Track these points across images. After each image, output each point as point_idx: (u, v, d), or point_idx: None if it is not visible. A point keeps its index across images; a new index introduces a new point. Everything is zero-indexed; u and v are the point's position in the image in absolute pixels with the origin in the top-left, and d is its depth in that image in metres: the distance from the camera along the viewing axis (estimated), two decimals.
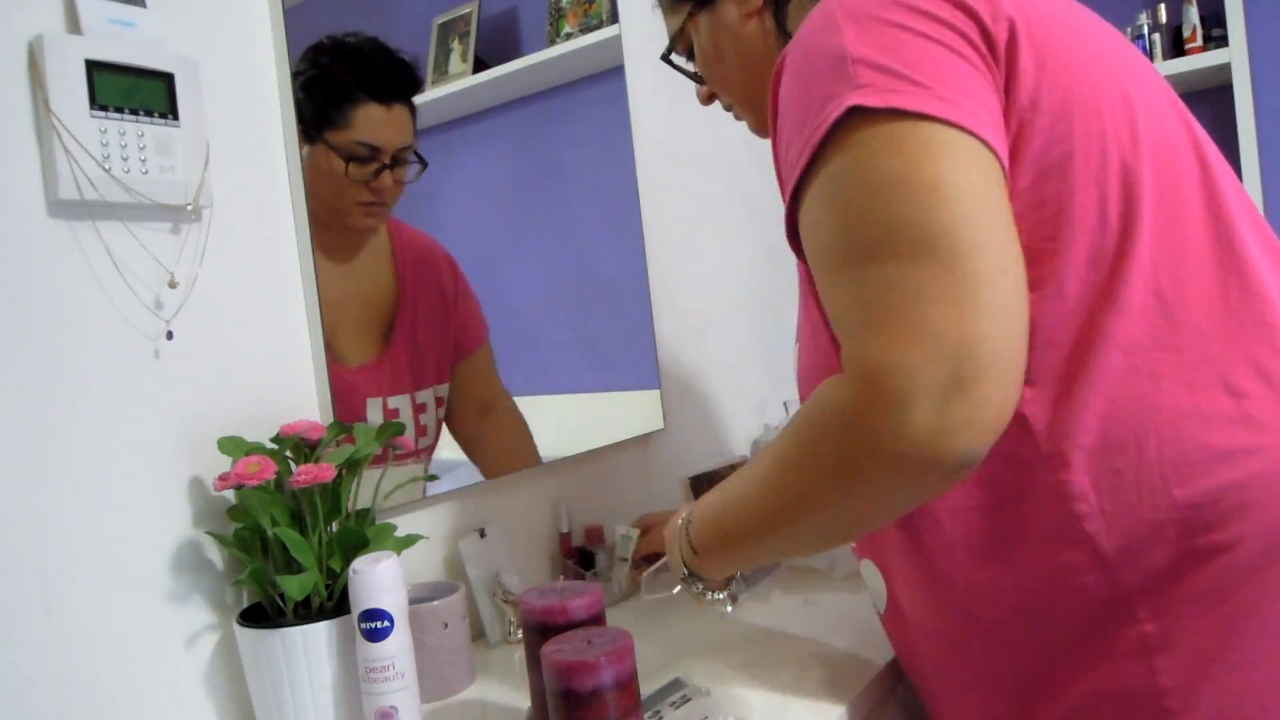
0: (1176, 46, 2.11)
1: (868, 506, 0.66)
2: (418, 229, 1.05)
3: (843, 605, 1.16)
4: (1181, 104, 0.76)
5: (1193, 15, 2.04)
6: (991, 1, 0.66)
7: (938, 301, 0.58)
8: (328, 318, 0.97)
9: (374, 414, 1.01)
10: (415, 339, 1.03)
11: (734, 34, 0.89)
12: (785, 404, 1.75)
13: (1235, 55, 1.98)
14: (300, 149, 0.97)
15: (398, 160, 1.03)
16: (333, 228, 0.99)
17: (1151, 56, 2.11)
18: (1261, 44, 1.99)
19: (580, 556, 1.23)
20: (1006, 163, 0.65)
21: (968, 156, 0.62)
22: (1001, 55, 0.66)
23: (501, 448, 1.13)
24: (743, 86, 0.92)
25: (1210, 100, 2.16)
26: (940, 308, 0.58)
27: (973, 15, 0.65)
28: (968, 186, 0.61)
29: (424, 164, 1.05)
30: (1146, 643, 0.65)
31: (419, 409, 1.01)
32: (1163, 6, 2.12)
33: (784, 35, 0.86)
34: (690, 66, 0.97)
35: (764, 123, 0.79)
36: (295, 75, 0.97)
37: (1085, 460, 0.65)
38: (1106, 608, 0.65)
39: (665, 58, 0.98)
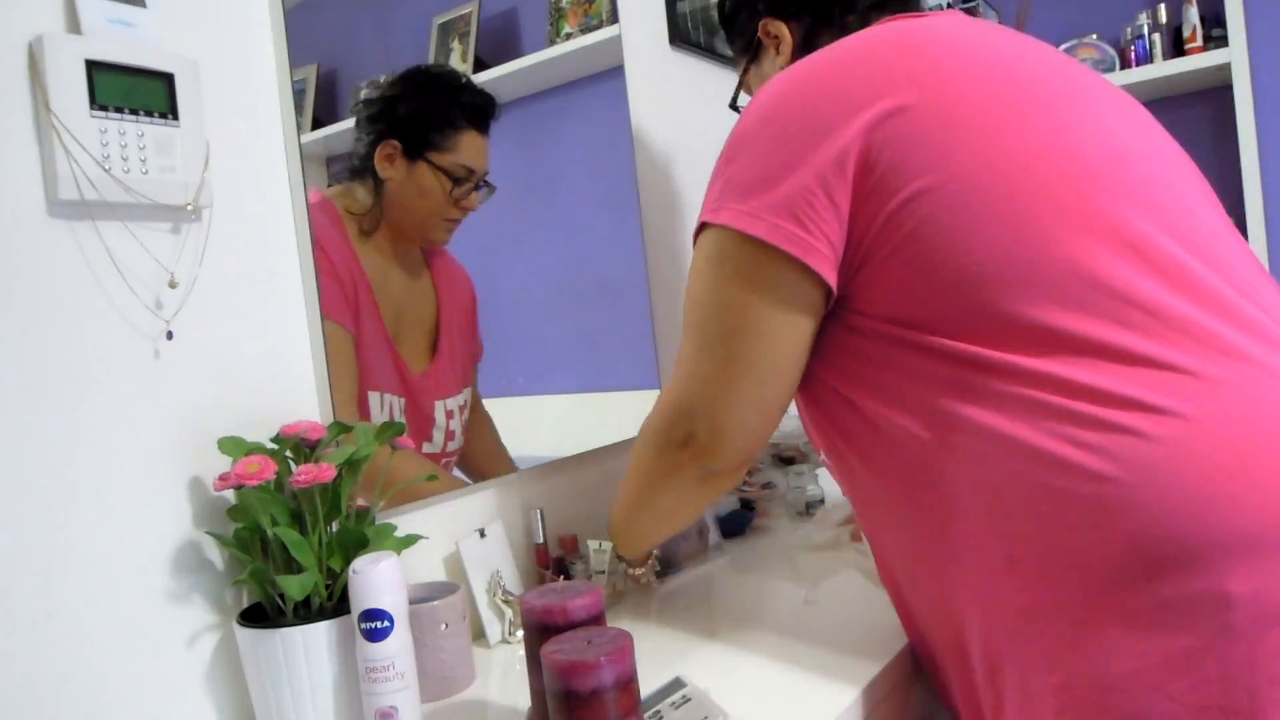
0: (1176, 46, 2.11)
1: (682, 504, 0.97)
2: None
3: (843, 605, 1.16)
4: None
5: (1193, 15, 2.04)
6: (852, 120, 0.79)
7: (701, 383, 0.86)
8: (393, 326, 1.05)
9: (440, 415, 1.12)
10: (454, 349, 1.13)
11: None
12: None
13: (1235, 55, 1.98)
14: (390, 166, 1.07)
15: (480, 184, 1.16)
16: (412, 241, 1.10)
17: (1151, 57, 2.11)
18: (1261, 44, 1.99)
19: (557, 567, 1.22)
20: (832, 276, 0.81)
21: (772, 278, 0.81)
22: (853, 176, 0.79)
23: (485, 451, 1.21)
24: None
25: (1210, 100, 2.15)
26: (699, 387, 0.86)
27: (836, 137, 0.79)
28: (756, 309, 0.82)
29: (493, 188, 1.18)
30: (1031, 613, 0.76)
31: (453, 415, 1.12)
32: (1163, 6, 2.12)
33: None
34: None
35: None
36: (391, 99, 1.09)
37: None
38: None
39: (732, 106, 1.21)
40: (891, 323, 0.79)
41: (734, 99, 1.21)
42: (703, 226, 0.87)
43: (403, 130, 1.07)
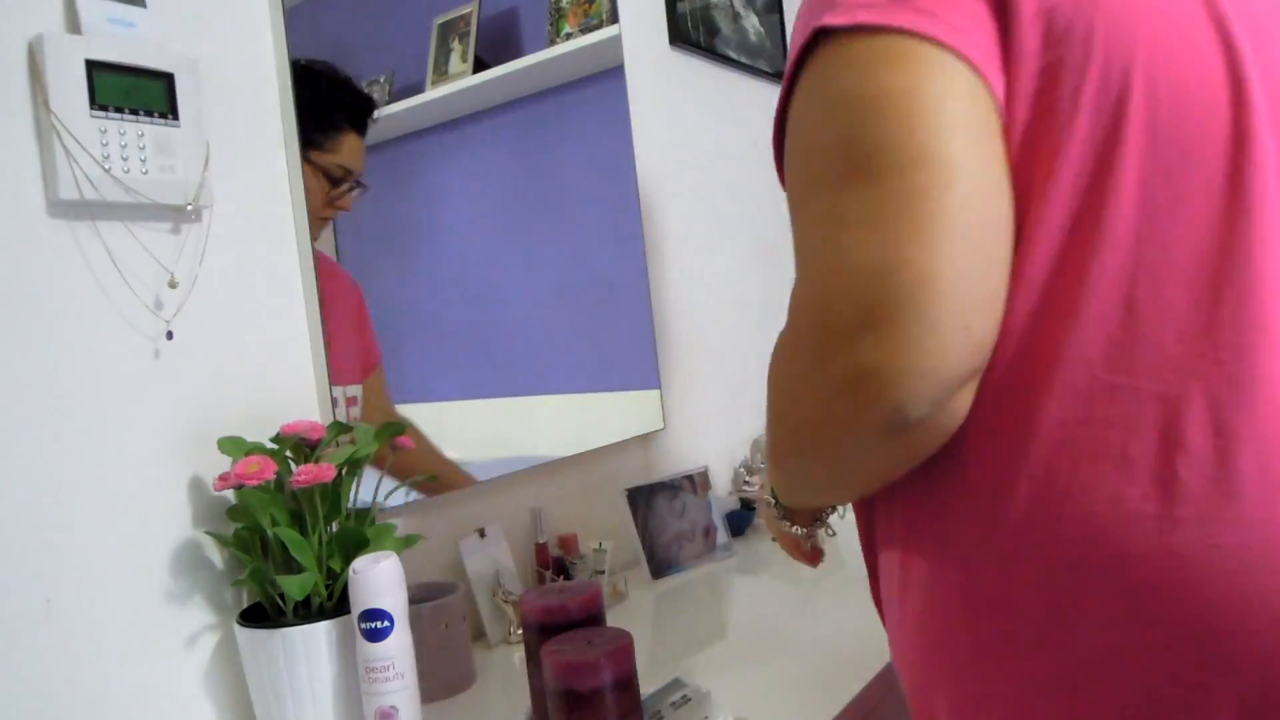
0: None
1: (828, 472, 0.59)
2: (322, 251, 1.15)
3: (844, 605, 1.16)
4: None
5: None
6: None
7: (864, 225, 0.49)
8: None
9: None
10: (342, 339, 1.09)
11: None
12: None
13: None
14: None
15: (356, 184, 1.14)
16: None
17: None
18: None
19: (557, 567, 1.22)
20: (997, 84, 0.53)
21: (930, 68, 0.52)
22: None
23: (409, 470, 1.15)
24: None
25: None
26: (860, 232, 0.49)
27: None
28: (920, 97, 0.51)
29: (366, 187, 1.15)
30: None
31: (349, 400, 1.11)
32: None
33: None
34: None
35: None
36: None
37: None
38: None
39: None
40: None
41: None
42: (801, 62, 0.56)
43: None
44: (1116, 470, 0.49)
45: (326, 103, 1.09)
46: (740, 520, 1.53)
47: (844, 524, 0.93)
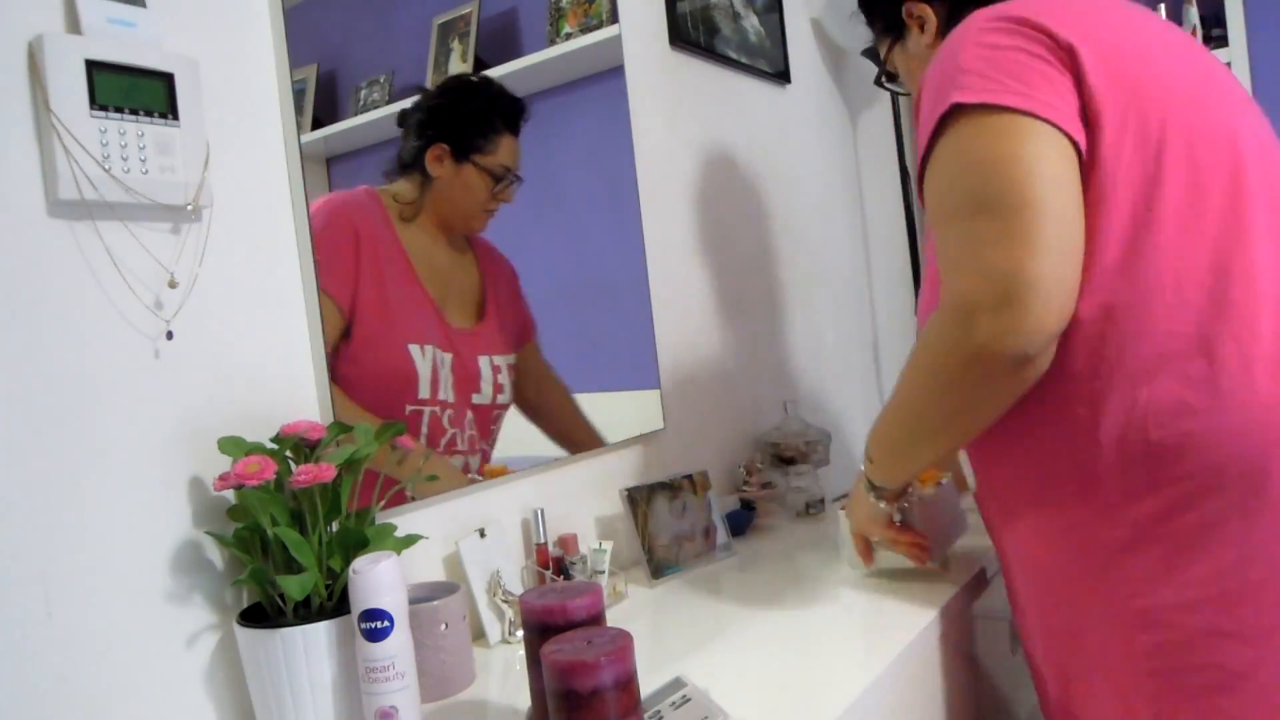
0: None
1: (962, 400, 0.87)
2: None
3: (844, 605, 1.16)
4: (1240, 95, 0.94)
5: (1193, 15, 2.04)
6: (1057, 25, 0.85)
7: (994, 245, 0.81)
8: (438, 291, 1.20)
9: (485, 369, 1.26)
10: (500, 315, 1.29)
11: (918, 61, 1.16)
12: (785, 404, 1.75)
13: (1235, 55, 1.98)
14: (440, 166, 1.20)
15: (515, 178, 1.32)
16: (455, 229, 1.25)
17: None
18: (1261, 44, 1.99)
19: (557, 567, 1.22)
20: (1082, 141, 0.83)
21: (1035, 136, 0.82)
22: (1069, 63, 0.85)
23: (564, 416, 1.38)
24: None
25: None
26: (993, 249, 0.81)
27: (1047, 33, 0.85)
28: (1028, 159, 0.82)
29: (521, 180, 1.33)
30: (1122, 546, 0.85)
31: (499, 370, 1.28)
32: (1163, 7, 2.12)
33: None
34: (894, 87, 1.30)
35: None
36: (438, 108, 1.21)
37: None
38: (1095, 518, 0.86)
39: (877, 81, 1.33)
40: None
41: (879, 76, 1.31)
42: (936, 134, 0.87)
43: (451, 135, 1.22)
44: (1180, 384, 0.81)
45: (483, 111, 1.28)
46: (740, 520, 1.53)
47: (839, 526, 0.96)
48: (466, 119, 1.26)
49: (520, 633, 1.10)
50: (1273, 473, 0.80)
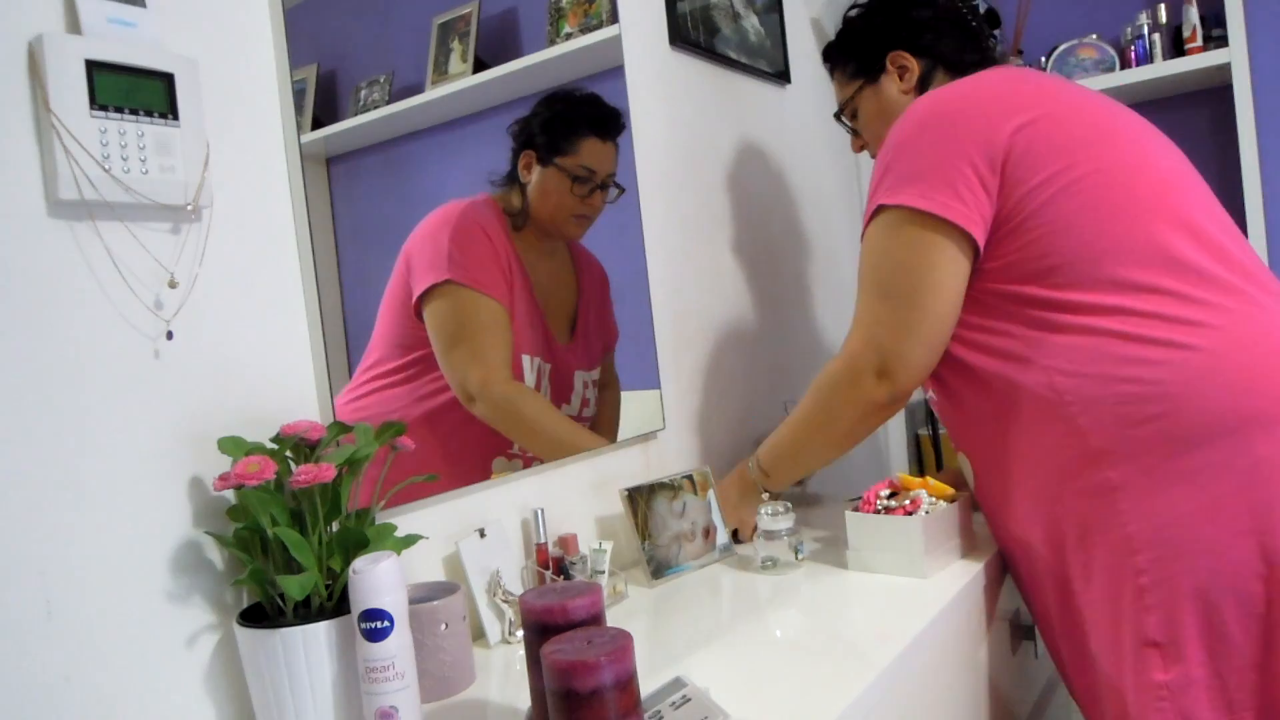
0: (1176, 46, 2.11)
1: (845, 428, 1.24)
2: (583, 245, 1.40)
3: (845, 605, 1.16)
4: (1151, 135, 1.20)
5: (1193, 15, 2.04)
6: (997, 128, 1.09)
7: (887, 326, 1.15)
8: (544, 301, 1.27)
9: (578, 384, 1.33)
10: (589, 328, 1.35)
11: (891, 103, 1.39)
12: (785, 404, 1.75)
13: (1235, 55, 1.98)
14: (529, 173, 1.27)
15: (605, 184, 1.38)
16: (551, 235, 1.31)
17: (1151, 57, 2.10)
18: (1261, 44, 1.99)
19: (557, 567, 1.22)
20: (981, 240, 1.10)
21: (936, 245, 1.10)
22: (1000, 167, 1.09)
23: (606, 420, 1.43)
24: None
25: (1210, 100, 2.15)
26: (885, 330, 1.15)
27: (984, 139, 1.09)
28: (925, 266, 1.11)
29: (621, 189, 1.40)
30: (1111, 485, 1.04)
31: (588, 385, 1.34)
32: (1163, 6, 2.12)
33: None
34: (852, 124, 1.49)
35: None
36: (531, 117, 1.29)
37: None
38: (1083, 460, 1.06)
39: (837, 116, 1.51)
40: (1006, 278, 1.10)
41: (839, 111, 1.51)
42: (879, 209, 1.14)
43: (536, 140, 1.29)
44: (1169, 327, 1.03)
45: (565, 114, 1.34)
46: None
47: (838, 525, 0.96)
48: (549, 123, 1.31)
49: (520, 633, 1.10)
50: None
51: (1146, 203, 1.08)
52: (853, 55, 1.44)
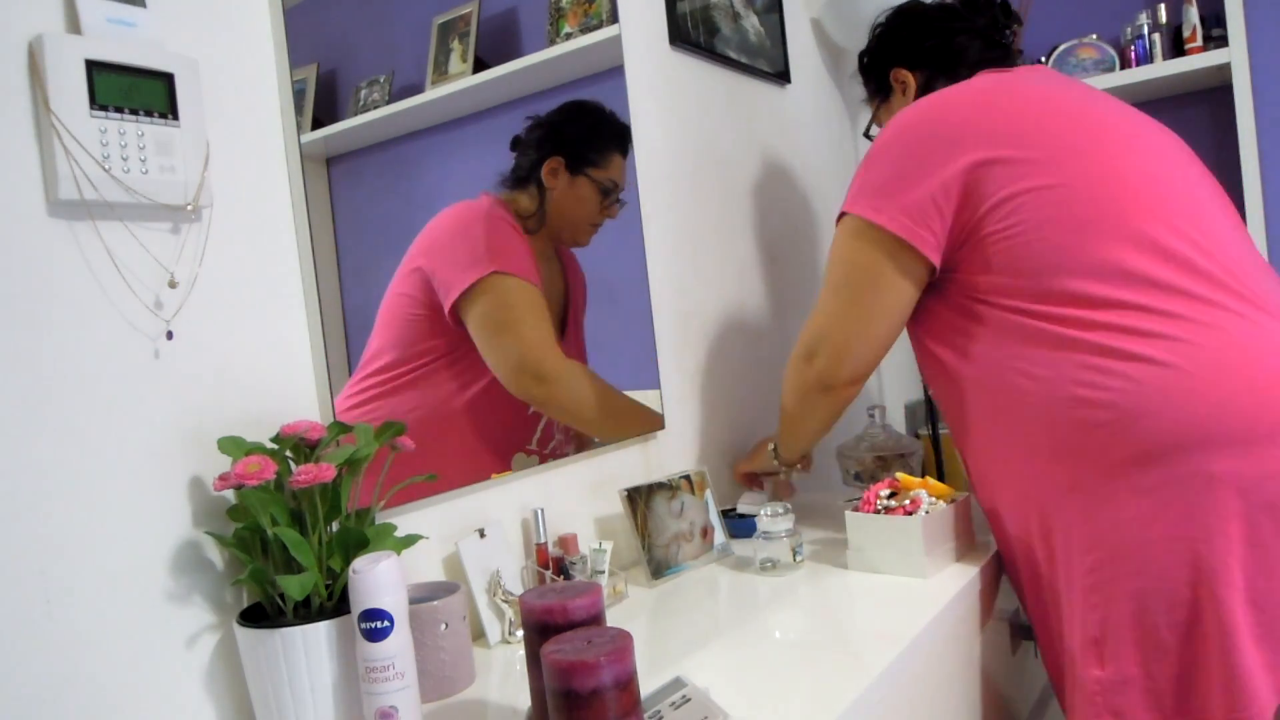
0: (1176, 46, 2.10)
1: (808, 407, 1.34)
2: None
3: (844, 605, 1.16)
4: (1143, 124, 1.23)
5: (1193, 15, 2.04)
6: (955, 160, 1.14)
7: (838, 319, 1.25)
8: (546, 300, 1.30)
9: None
10: (576, 331, 1.38)
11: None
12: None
13: (1235, 55, 1.98)
14: (555, 178, 1.31)
15: (620, 198, 1.45)
16: (563, 241, 1.35)
17: (1151, 57, 2.10)
18: (1261, 44, 1.99)
19: (557, 567, 1.22)
20: (936, 261, 1.17)
21: (881, 245, 1.19)
22: (956, 194, 1.15)
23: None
24: None
25: (1210, 100, 2.15)
26: (837, 322, 1.25)
27: (942, 164, 1.15)
28: (879, 273, 1.20)
29: (624, 203, 1.46)
30: (1071, 485, 1.10)
31: None
32: (1163, 6, 2.12)
33: None
34: None
35: None
36: (557, 124, 1.33)
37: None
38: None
39: (866, 134, 1.67)
40: (973, 287, 1.16)
41: (867, 128, 1.65)
42: (844, 214, 1.23)
43: (567, 149, 1.33)
44: (1144, 342, 1.05)
45: (595, 129, 1.41)
46: (749, 523, 1.53)
47: (835, 523, 0.96)
48: (582, 134, 1.37)
49: (520, 633, 1.10)
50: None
51: (1110, 221, 1.09)
52: (869, 76, 1.54)
